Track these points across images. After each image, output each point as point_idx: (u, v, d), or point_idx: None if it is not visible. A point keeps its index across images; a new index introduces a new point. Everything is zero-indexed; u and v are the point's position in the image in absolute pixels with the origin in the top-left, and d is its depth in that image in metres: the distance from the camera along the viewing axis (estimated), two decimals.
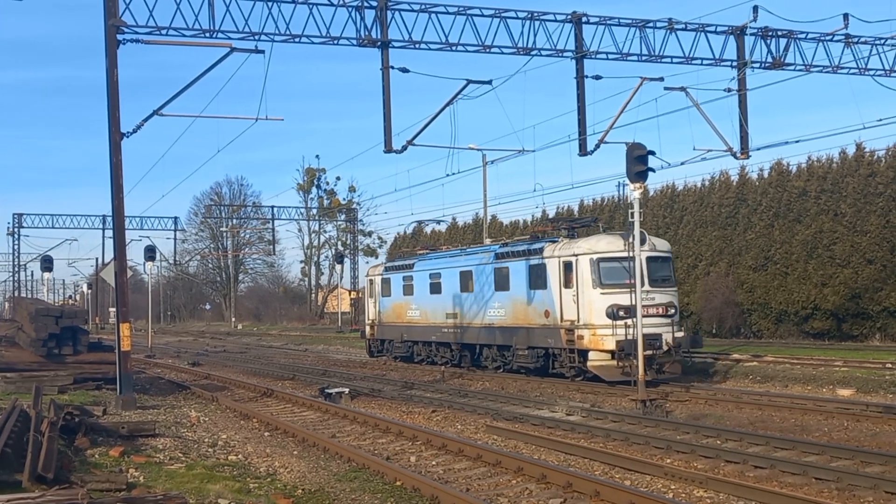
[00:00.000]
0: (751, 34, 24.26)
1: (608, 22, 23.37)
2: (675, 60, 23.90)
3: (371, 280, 37.00)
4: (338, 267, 70.86)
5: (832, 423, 16.59)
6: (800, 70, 24.67)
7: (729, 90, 24.70)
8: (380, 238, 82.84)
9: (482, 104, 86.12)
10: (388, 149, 22.88)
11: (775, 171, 40.32)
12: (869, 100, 70.36)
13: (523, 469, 12.22)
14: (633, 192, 19.29)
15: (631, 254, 21.19)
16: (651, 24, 23.59)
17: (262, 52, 21.11)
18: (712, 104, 24.88)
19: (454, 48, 22.71)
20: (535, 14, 22.94)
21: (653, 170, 19.27)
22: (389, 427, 16.76)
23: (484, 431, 16.76)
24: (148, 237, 76.13)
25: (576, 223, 27.33)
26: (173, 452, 13.77)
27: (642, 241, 21.11)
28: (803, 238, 37.20)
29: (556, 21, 23.12)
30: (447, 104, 23.98)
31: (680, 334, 23.53)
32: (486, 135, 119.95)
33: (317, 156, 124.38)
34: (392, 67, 22.38)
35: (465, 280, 29.40)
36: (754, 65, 24.45)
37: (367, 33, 22.01)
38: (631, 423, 17.26)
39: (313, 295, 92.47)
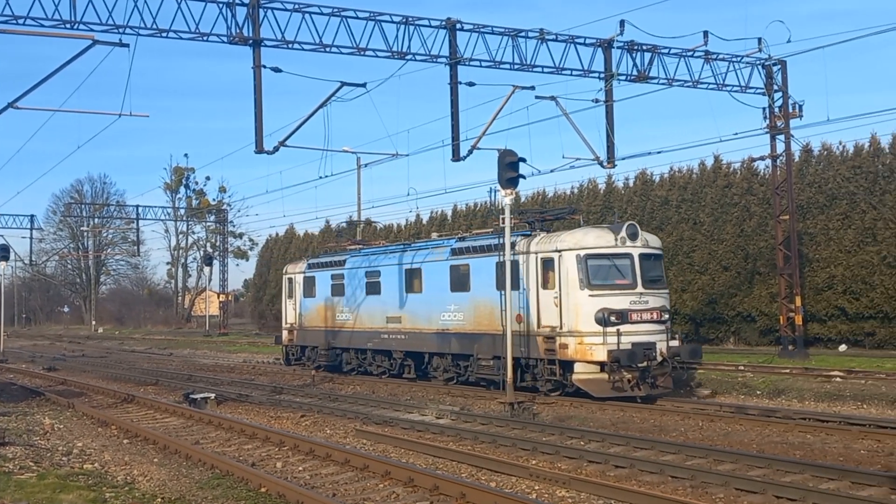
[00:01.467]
0: (618, 47, 25.10)
1: (482, 30, 23.71)
2: (546, 70, 24.47)
3: (290, 279, 32.71)
4: (206, 269, 69.26)
5: (688, 424, 17.27)
6: (663, 83, 25.68)
7: (597, 101, 25.48)
8: (251, 240, 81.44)
9: (357, 107, 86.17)
10: (260, 149, 22.51)
11: (640, 180, 41.71)
12: (726, 114, 73.89)
13: (391, 473, 12.19)
14: (505, 198, 19.57)
15: (503, 258, 21.02)
16: (523, 34, 24.08)
17: (127, 45, 20.36)
18: (581, 114, 25.61)
19: (328, 49, 22.56)
20: (410, 19, 23.06)
21: (524, 176, 19.60)
22: (256, 432, 16.44)
23: (353, 436, 16.66)
24: (1, 236, 72.29)
25: (549, 214, 24.20)
26: (24, 461, 13.11)
27: (634, 237, 20.42)
28: (665, 245, 38.55)
29: (430, 26, 23.29)
30: (321, 106, 23.80)
31: (675, 343, 20.89)
32: (360, 138, 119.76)
33: (185, 155, 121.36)
34: (264, 66, 22.05)
35: (412, 279, 25.88)
36: (621, 77, 25.29)
37: (238, 31, 21.60)
38: (499, 425, 17.50)
39: (180, 298, 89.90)
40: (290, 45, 22.20)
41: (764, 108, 27.19)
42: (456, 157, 24.06)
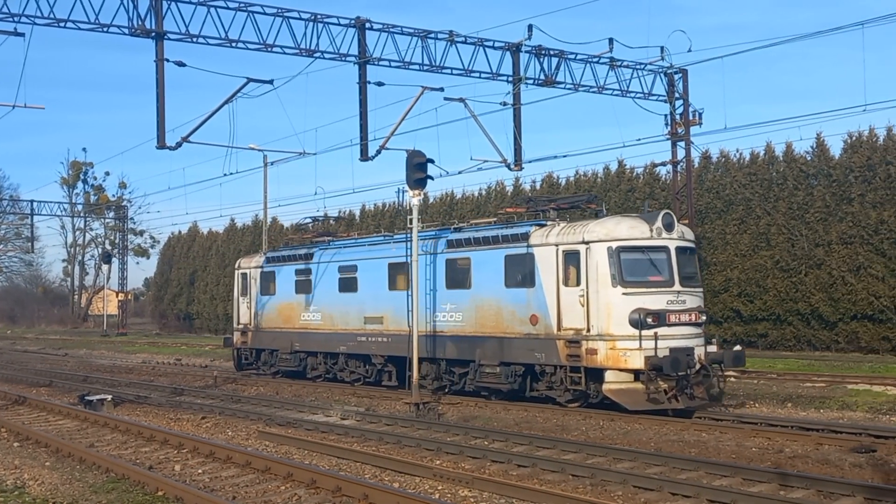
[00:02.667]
0: (525, 51, 25.41)
1: (391, 30, 23.68)
2: (455, 72, 24.59)
3: (244, 274, 29.36)
4: (104, 267, 67.18)
5: (590, 423, 17.58)
6: (569, 88, 26.10)
7: (505, 104, 25.75)
8: (152, 238, 79.46)
9: (263, 104, 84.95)
10: (162, 145, 21.98)
11: (546, 183, 42.33)
12: (630, 120, 75.76)
13: (293, 475, 12.05)
14: (413, 199, 19.59)
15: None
16: (433, 35, 24.14)
17: (22, 34, 19.67)
18: (489, 116, 25.89)
19: (234, 45, 22.20)
20: (319, 16, 22.87)
21: (431, 177, 19.66)
22: (154, 435, 16.03)
23: (256, 437, 16.40)
24: None
25: (562, 202, 21.47)
26: None
27: (670, 227, 18.52)
28: None
29: (339, 25, 23.15)
30: (226, 102, 23.39)
31: (713, 348, 18.72)
32: (267, 135, 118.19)
33: (83, 149, 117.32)
34: (167, 60, 21.56)
35: (397, 275, 23.04)
36: (528, 81, 25.61)
37: (140, 23, 21.05)
38: (404, 426, 17.50)
39: (76, 296, 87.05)
40: (194, 39, 21.75)
41: (666, 115, 27.93)
42: (364, 156, 23.97)
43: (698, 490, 11.04)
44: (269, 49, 22.48)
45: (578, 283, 18.47)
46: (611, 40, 25.71)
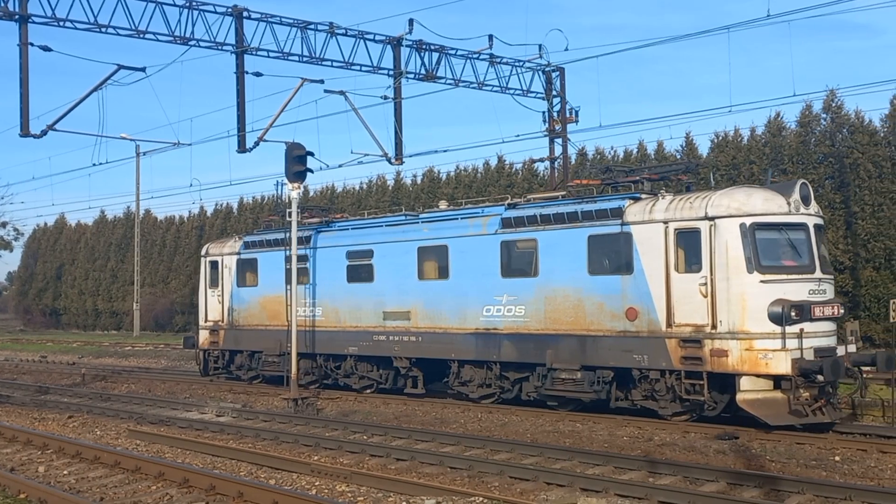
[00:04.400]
0: (407, 46, 25.42)
1: (270, 20, 23.27)
2: (335, 64, 24.38)
3: (214, 262, 24.89)
4: None
5: (468, 416, 17.75)
6: (450, 84, 26.26)
7: (386, 97, 25.68)
8: (16, 230, 75.64)
9: (136, 92, 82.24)
10: (25, 132, 21.00)
11: (427, 177, 42.55)
12: (510, 116, 76.93)
13: (165, 474, 11.70)
14: (292, 192, 19.33)
15: (288, 252, 20.09)
16: (313, 27, 23.86)
17: None
18: (370, 110, 25.79)
19: (104, 30, 21.38)
20: (194, 3, 22.25)
21: (311, 170, 19.44)
22: (16, 435, 15.29)
23: (126, 437, 15.87)
24: None
25: (655, 171, 17.96)
26: None
27: (807, 201, 15.49)
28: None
29: (216, 13, 22.59)
30: (95, 89, 22.55)
31: (853, 348, 15.70)
32: (139, 125, 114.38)
33: None
34: (32, 44, 20.60)
35: (429, 261, 19.65)
36: (409, 75, 25.63)
37: (3, 5, 20.02)
38: (282, 422, 17.26)
39: None
40: (61, 23, 20.82)
41: (544, 113, 28.43)
42: (242, 148, 23.48)
43: (572, 479, 11.30)
44: (142, 35, 21.74)
45: (698, 269, 15.17)
46: (490, 37, 26.03)
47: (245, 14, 22.89)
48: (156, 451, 14.22)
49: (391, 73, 25.37)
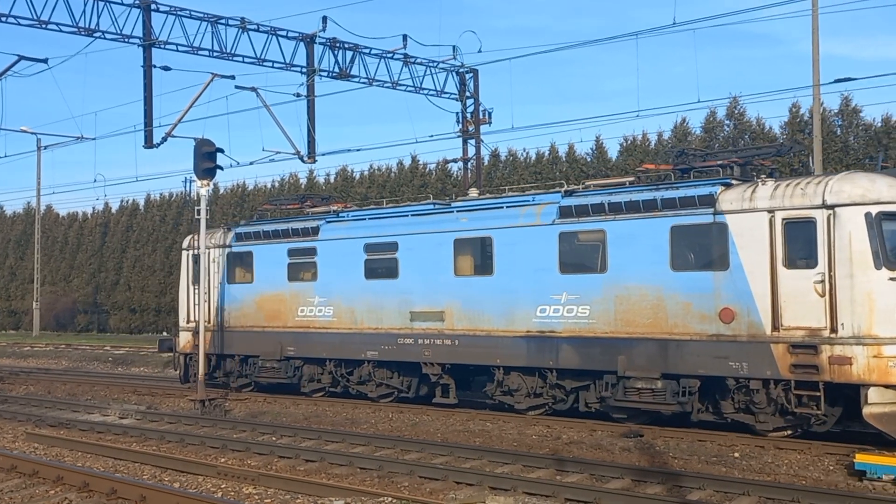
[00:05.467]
0: (320, 43, 25.26)
1: (179, 13, 22.82)
2: (247, 60, 24.06)
3: (197, 256, 21.73)
4: None
5: (379, 416, 17.70)
6: (363, 82, 26.21)
7: (298, 95, 25.46)
8: None
9: (37, 84, 79.40)
10: None
11: (341, 176, 42.32)
12: (424, 117, 77.09)
13: (63, 478, 11.33)
14: (201, 189, 18.97)
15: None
16: (223, 21, 23.50)
17: None
18: (282, 107, 25.56)
19: (4, 19, 20.64)
20: None
21: (221, 167, 19.11)
22: None
23: (24, 440, 15.31)
24: None
25: (739, 155, 15.79)
26: None
27: None
28: None
29: (122, 4, 22.08)
30: None
31: None
32: (40, 118, 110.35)
33: None
34: None
35: (468, 255, 17.63)
36: (322, 73, 25.46)
37: None
38: (188, 423, 16.91)
39: None
40: None
41: (457, 113, 28.60)
42: (149, 143, 22.97)
43: (481, 478, 11.38)
44: (44, 26, 21.07)
45: (813, 264, 13.37)
46: (405, 37, 26.08)
47: (153, 6, 22.40)
48: (55, 455, 13.78)
49: (304, 70, 25.17)
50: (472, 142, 28.95)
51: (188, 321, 22.33)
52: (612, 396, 15.31)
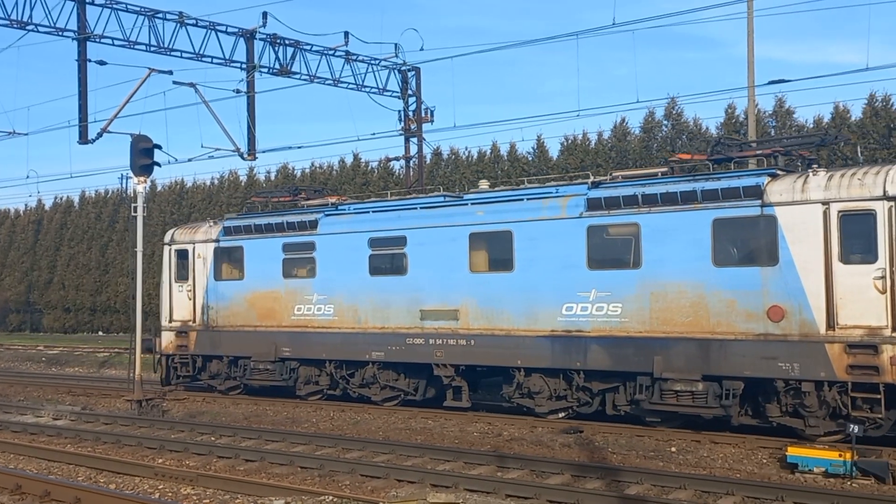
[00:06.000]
0: (260, 39, 24.98)
1: (115, 6, 22.38)
2: (185, 55, 23.68)
3: (182, 251, 21.03)
4: None
5: (320, 415, 17.61)
6: (304, 79, 25.97)
7: (238, 91, 25.14)
8: None
9: None
10: None
11: (282, 174, 41.93)
12: (365, 115, 76.81)
13: None
14: (138, 186, 18.66)
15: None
16: (161, 15, 23.09)
17: None
18: (222, 103, 25.24)
19: None
20: None
21: (159, 164, 18.84)
22: None
23: None
24: None
25: (783, 145, 15.11)
26: None
27: None
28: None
29: None
30: None
31: None
32: None
33: None
34: None
35: (485, 249, 16.71)
36: (263, 69, 25.19)
37: None
38: (125, 424, 16.64)
39: None
40: None
41: (399, 111, 28.54)
42: (84, 139, 22.47)
43: (422, 475, 11.40)
44: None
45: (873, 259, 12.64)
46: (346, 34, 25.92)
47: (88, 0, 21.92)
48: None
49: (244, 66, 24.87)
50: (415, 140, 28.93)
51: (171, 320, 21.17)
52: (646, 399, 14.36)
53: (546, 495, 10.34)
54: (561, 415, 15.79)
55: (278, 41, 25.21)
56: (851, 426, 11.69)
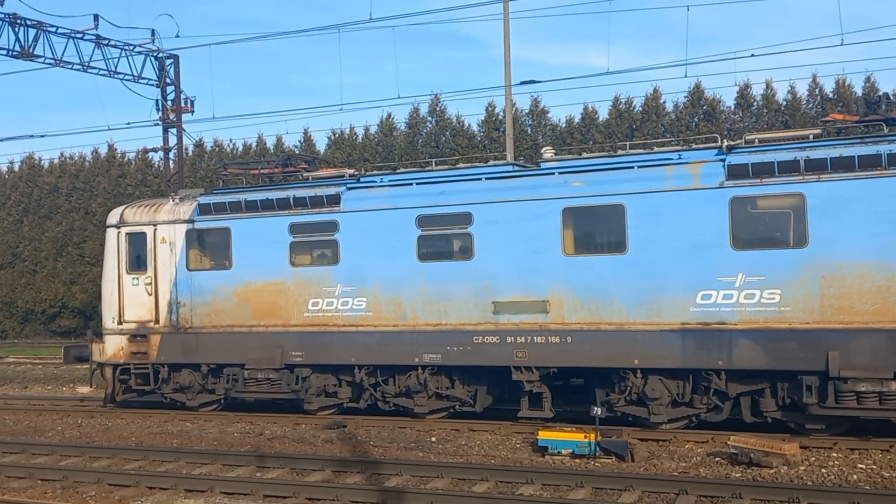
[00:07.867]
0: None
1: None
2: None
3: (138, 235, 17.23)
4: None
5: (66, 422, 16.49)
6: (49, 63, 24.20)
7: None
8: None
9: None
10: None
11: (27, 164, 39.10)
12: (120, 103, 72.46)
13: None
14: None
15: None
16: None
17: None
18: None
19: None
20: None
21: None
22: None
23: None
24: None
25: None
26: None
27: None
28: (54, 235, 36.78)
29: None
30: None
31: None
32: None
33: None
34: None
35: (586, 228, 13.97)
36: (1, 51, 23.25)
37: None
38: None
39: None
40: None
41: (157, 101, 27.24)
42: None
43: (176, 480, 10.94)
44: None
45: None
46: (96, 16, 24.41)
47: None
48: None
49: None
50: (174, 130, 27.74)
51: (121, 321, 17.18)
52: (815, 403, 12.19)
53: (306, 493, 10.23)
54: (678, 424, 13.37)
55: (19, 21, 23.32)
56: (595, 408, 12.42)
